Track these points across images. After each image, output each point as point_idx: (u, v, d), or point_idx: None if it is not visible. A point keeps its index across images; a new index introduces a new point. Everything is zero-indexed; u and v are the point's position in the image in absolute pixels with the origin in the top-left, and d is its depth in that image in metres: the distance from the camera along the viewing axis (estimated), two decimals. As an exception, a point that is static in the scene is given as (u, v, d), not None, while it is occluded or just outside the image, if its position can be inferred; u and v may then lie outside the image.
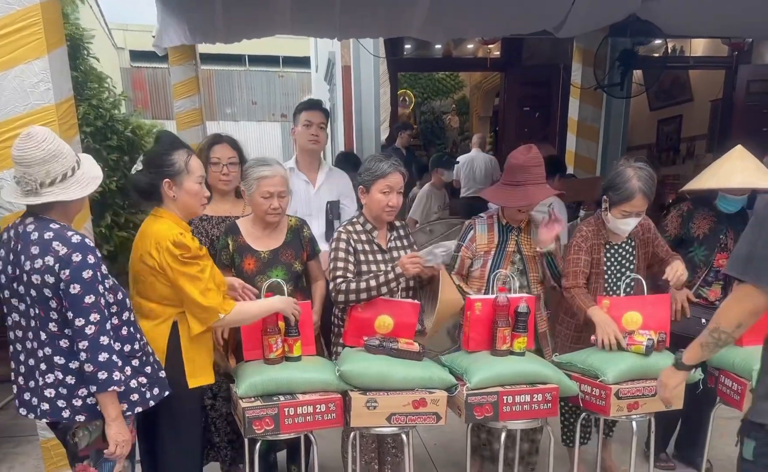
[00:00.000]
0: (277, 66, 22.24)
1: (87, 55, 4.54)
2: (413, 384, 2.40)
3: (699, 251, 2.97)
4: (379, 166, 2.63)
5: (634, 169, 2.69)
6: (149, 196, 2.20)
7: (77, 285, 1.82)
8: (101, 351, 1.85)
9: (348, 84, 8.43)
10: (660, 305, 2.71)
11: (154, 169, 2.17)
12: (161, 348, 2.19)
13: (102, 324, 1.86)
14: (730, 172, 2.85)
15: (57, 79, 2.39)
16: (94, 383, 1.86)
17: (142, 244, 2.15)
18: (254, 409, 2.28)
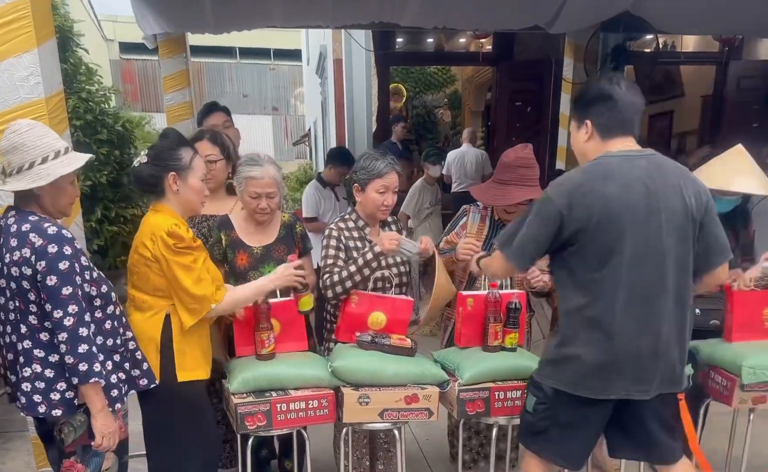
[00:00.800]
0: (269, 59, 22.18)
1: (76, 47, 4.48)
2: (405, 380, 2.40)
3: None
4: (376, 165, 2.62)
5: None
6: (151, 189, 2.20)
7: (54, 277, 1.81)
8: (81, 343, 1.84)
9: (340, 77, 8.41)
10: None
11: (161, 162, 2.17)
12: (155, 340, 2.18)
13: (81, 315, 1.85)
14: (728, 175, 2.81)
15: (47, 73, 2.37)
16: (75, 375, 1.85)
17: (138, 236, 2.16)
18: (246, 405, 2.27)
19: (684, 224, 1.94)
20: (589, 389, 1.99)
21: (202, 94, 20.94)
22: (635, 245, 1.91)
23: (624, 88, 1.99)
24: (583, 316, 1.99)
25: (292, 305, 2.54)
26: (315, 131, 14.92)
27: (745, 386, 2.53)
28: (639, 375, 1.96)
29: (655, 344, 1.95)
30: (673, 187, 1.94)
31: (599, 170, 1.96)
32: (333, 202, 5.05)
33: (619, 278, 1.92)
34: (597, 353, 1.96)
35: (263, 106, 22.97)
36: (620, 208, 1.90)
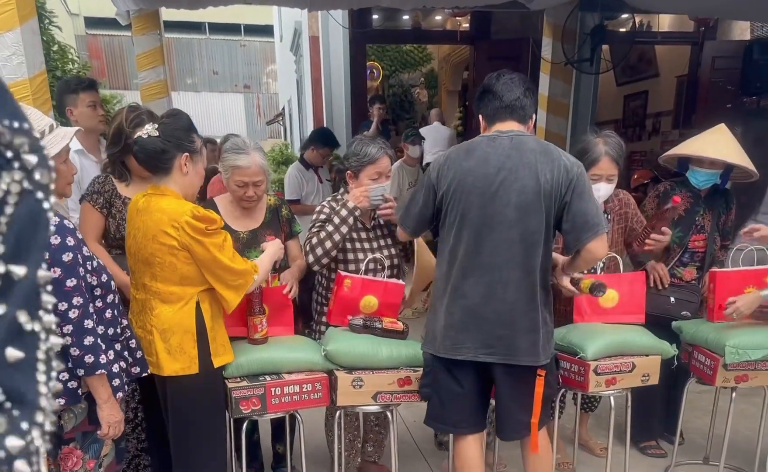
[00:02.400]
0: (239, 34, 21.74)
1: (49, 24, 4.33)
2: (398, 363, 2.43)
3: (674, 231, 3.01)
4: (368, 151, 2.61)
5: (602, 137, 2.77)
6: (157, 165, 2.12)
7: (58, 269, 1.76)
8: (86, 335, 1.81)
9: (316, 55, 8.28)
10: (636, 283, 2.77)
11: (176, 140, 2.12)
12: (191, 331, 2.14)
13: (85, 307, 1.81)
14: (703, 143, 2.92)
15: (30, 52, 2.29)
16: (81, 367, 1.83)
17: (153, 223, 2.06)
18: (241, 389, 2.27)
19: (535, 200, 2.07)
20: (444, 348, 2.18)
21: (172, 72, 20.45)
22: (483, 214, 2.09)
23: (502, 80, 2.18)
24: (442, 280, 2.20)
25: (279, 291, 2.53)
26: (290, 110, 14.71)
27: (728, 365, 2.60)
28: (485, 339, 2.12)
29: (500, 310, 2.10)
30: (527, 166, 2.07)
31: (464, 147, 2.19)
32: (316, 184, 5.02)
33: (469, 245, 2.11)
34: (448, 315, 2.16)
35: (234, 84, 22.54)
36: (473, 180, 2.09)
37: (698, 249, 3.05)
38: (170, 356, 2.12)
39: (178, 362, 2.12)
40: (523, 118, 2.19)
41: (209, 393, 2.23)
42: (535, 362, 2.14)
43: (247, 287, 2.19)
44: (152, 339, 2.13)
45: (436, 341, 2.21)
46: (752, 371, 2.65)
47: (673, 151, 3.02)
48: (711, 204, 3.03)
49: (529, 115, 2.20)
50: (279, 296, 2.54)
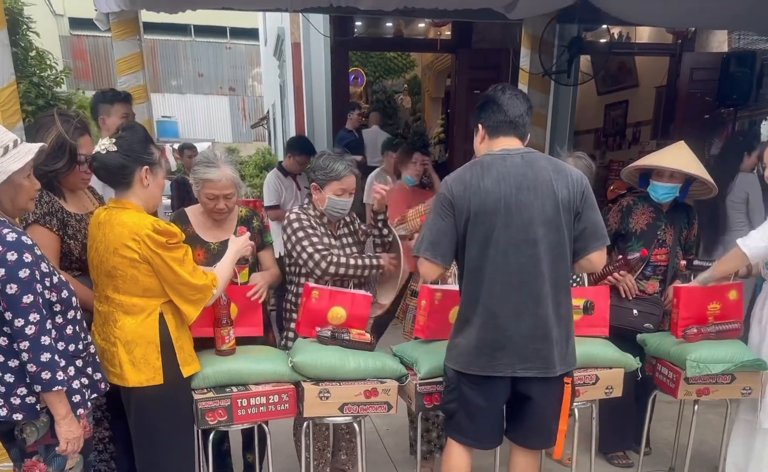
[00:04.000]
0: (225, 37, 21.68)
1: (27, 30, 4.31)
2: (365, 374, 2.45)
3: (636, 246, 3.07)
4: (334, 167, 2.65)
5: (573, 158, 2.84)
6: (117, 180, 2.14)
7: (14, 285, 1.76)
8: (43, 351, 1.81)
9: (298, 62, 8.27)
10: (600, 297, 2.82)
11: (134, 154, 2.13)
12: (154, 342, 2.14)
13: (42, 324, 1.81)
14: (662, 155, 3.02)
15: (-3, 64, 2.28)
16: (38, 383, 1.82)
17: (114, 236, 2.07)
18: (207, 400, 2.29)
19: (555, 215, 2.12)
20: (478, 366, 2.18)
21: (156, 74, 20.38)
22: (509, 234, 2.11)
23: (508, 94, 2.21)
24: (470, 300, 2.20)
25: (247, 290, 2.56)
26: (273, 114, 14.69)
27: (690, 378, 2.65)
28: (521, 354, 2.15)
29: (533, 324, 2.13)
30: (544, 182, 2.12)
31: (478, 167, 2.17)
32: (294, 191, 5.07)
33: (497, 264, 2.13)
34: (481, 332, 2.17)
35: (219, 86, 22.49)
36: (494, 200, 2.11)
37: (660, 263, 3.12)
38: (134, 367, 2.13)
39: (143, 373, 2.13)
40: (524, 135, 2.23)
41: (175, 404, 2.24)
42: (564, 371, 2.21)
43: (206, 301, 2.21)
44: (116, 351, 2.13)
45: (465, 359, 2.21)
46: (713, 385, 2.71)
47: (633, 164, 3.09)
48: (673, 219, 3.10)
49: (527, 132, 2.25)
50: (248, 299, 2.56)
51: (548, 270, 2.13)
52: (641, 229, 3.10)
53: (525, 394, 2.22)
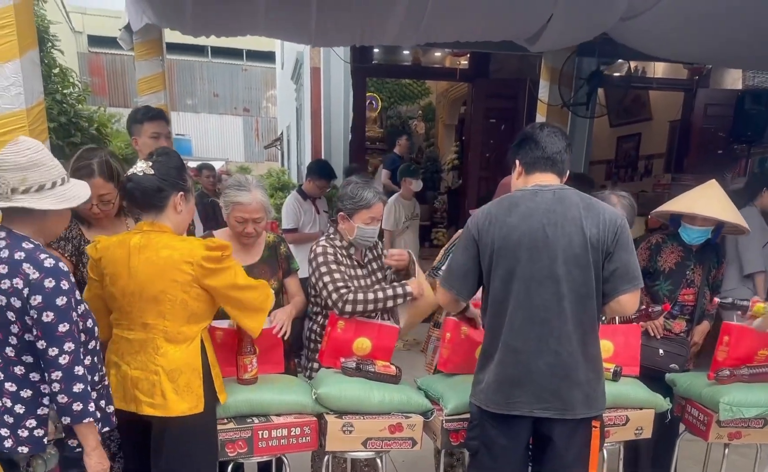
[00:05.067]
0: (241, 59, 21.94)
1: (51, 47, 4.35)
2: (390, 408, 2.40)
3: (664, 285, 3.02)
4: (363, 195, 2.63)
5: (617, 197, 2.81)
6: (151, 203, 2.10)
7: (50, 313, 1.72)
8: (76, 382, 1.76)
9: (317, 87, 8.33)
10: (631, 336, 2.77)
11: (171, 179, 2.11)
12: (198, 369, 2.11)
13: (76, 353, 1.77)
14: (695, 199, 2.94)
15: (29, 83, 2.29)
16: (68, 415, 1.77)
17: (163, 260, 2.03)
18: (227, 431, 2.25)
19: (582, 253, 2.06)
20: (496, 403, 2.14)
21: (173, 93, 20.59)
22: (532, 270, 2.07)
23: (546, 131, 2.19)
24: (492, 336, 2.17)
25: (269, 332, 2.50)
26: (288, 136, 14.78)
27: (722, 422, 2.59)
28: (539, 394, 2.09)
29: (553, 363, 2.08)
30: (573, 220, 2.07)
31: (506, 202, 2.16)
32: (313, 214, 5.08)
33: (518, 299, 2.09)
34: (500, 368, 2.13)
35: (234, 107, 22.69)
36: (519, 236, 2.08)
37: (688, 303, 3.06)
38: (178, 395, 2.06)
39: (185, 401, 2.07)
40: (562, 172, 2.19)
41: (211, 432, 2.20)
42: (589, 414, 2.14)
43: (271, 300, 2.21)
44: (157, 379, 2.06)
45: (485, 395, 2.17)
46: (746, 429, 2.64)
47: (665, 207, 3.05)
48: (702, 258, 3.05)
49: (566, 170, 2.21)
50: (269, 337, 2.51)
51: (572, 308, 2.07)
52: (670, 268, 3.04)
53: (546, 435, 2.15)
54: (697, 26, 4.46)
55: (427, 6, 4.23)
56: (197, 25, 4.33)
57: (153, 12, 4.34)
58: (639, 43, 5.15)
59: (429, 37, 5.05)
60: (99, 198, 2.30)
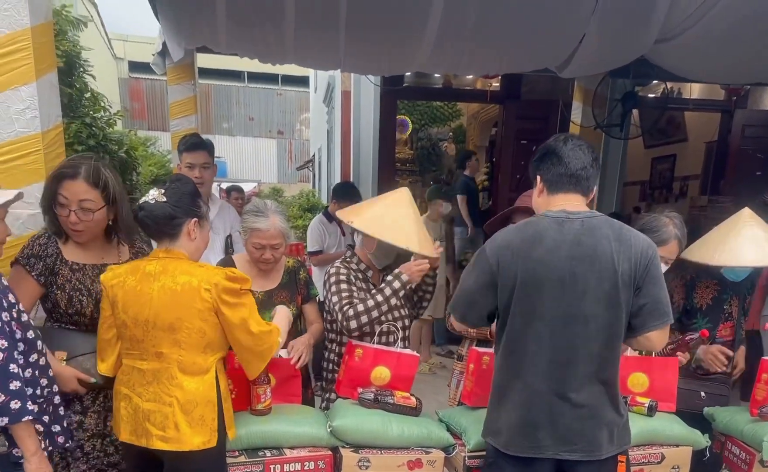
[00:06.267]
0: (276, 84, 22.33)
1: (83, 72, 4.42)
2: (409, 442, 2.30)
3: (702, 322, 2.84)
4: None
5: (669, 218, 2.66)
6: (164, 230, 2.04)
7: None
8: (12, 379, 1.70)
9: (347, 110, 8.38)
10: (668, 370, 2.61)
11: (184, 206, 2.05)
12: (212, 401, 2.02)
13: (10, 351, 1.71)
14: (740, 247, 2.66)
15: (45, 107, 2.28)
16: (6, 414, 1.70)
17: (181, 287, 1.97)
18: (238, 465, 2.17)
19: (613, 291, 1.92)
20: (517, 446, 2.01)
21: (210, 116, 21.09)
22: (558, 308, 1.93)
23: (570, 145, 2.02)
24: (509, 374, 2.03)
25: (287, 363, 2.45)
26: (319, 158, 14.94)
27: (765, 461, 2.42)
28: (565, 436, 1.97)
29: (579, 404, 1.96)
30: (603, 254, 1.92)
31: (530, 232, 1.98)
32: (338, 236, 5.06)
33: (542, 340, 1.95)
34: (523, 411, 2.00)
35: (269, 130, 23.08)
36: (544, 272, 1.92)
37: (726, 338, 2.87)
38: (191, 429, 1.98)
39: (199, 435, 1.99)
40: (587, 189, 2.04)
41: (221, 469, 2.12)
42: (616, 451, 2.03)
43: (273, 352, 2.09)
44: (171, 411, 1.99)
45: (506, 438, 2.03)
46: (791, 470, 2.45)
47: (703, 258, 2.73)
48: (737, 289, 2.87)
49: (592, 186, 2.05)
50: (286, 368, 2.44)
51: (600, 349, 1.95)
52: (706, 304, 2.87)
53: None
54: (733, 48, 4.32)
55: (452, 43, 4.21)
56: (231, 43, 4.38)
57: (187, 37, 4.40)
58: (674, 65, 5.02)
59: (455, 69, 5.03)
60: (79, 204, 2.12)
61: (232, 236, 3.65)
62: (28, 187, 2.24)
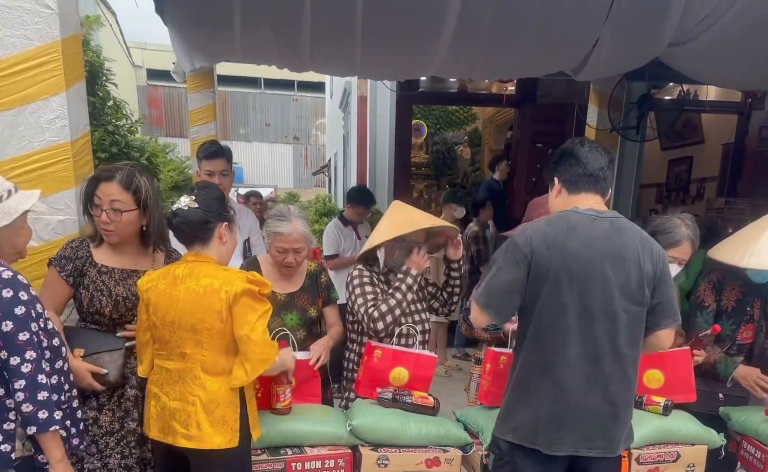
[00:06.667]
0: (292, 90, 22.50)
1: (106, 81, 4.54)
2: (427, 441, 2.35)
3: (726, 324, 2.84)
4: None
5: (681, 219, 2.68)
6: (197, 235, 2.11)
7: (9, 322, 1.76)
8: (40, 390, 1.78)
9: (363, 115, 8.45)
10: (681, 361, 2.63)
11: (215, 210, 2.13)
12: (234, 402, 2.07)
13: (38, 362, 1.79)
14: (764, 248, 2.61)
15: (74, 116, 2.36)
16: (34, 424, 1.78)
17: (203, 289, 2.03)
18: (260, 462, 2.23)
19: (637, 290, 1.98)
20: (541, 443, 2.02)
21: (226, 123, 21.28)
22: (590, 303, 1.96)
23: (587, 147, 2.09)
24: (536, 368, 2.04)
25: (306, 364, 2.51)
26: (335, 163, 15.04)
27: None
28: (586, 434, 2.00)
29: (602, 402, 1.99)
30: (631, 255, 1.98)
31: (564, 224, 2.01)
32: (353, 240, 5.12)
33: (571, 334, 1.97)
34: (547, 406, 2.01)
35: (285, 135, 23.25)
36: (579, 265, 1.96)
37: (746, 340, 2.87)
38: (213, 428, 2.03)
39: (220, 434, 2.04)
40: (605, 190, 2.09)
41: (245, 468, 2.16)
42: (626, 448, 2.11)
43: (265, 366, 2.07)
44: (193, 410, 2.04)
45: (526, 433, 2.05)
46: (807, 470, 2.46)
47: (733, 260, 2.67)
48: (760, 290, 2.86)
49: (609, 187, 2.11)
50: (306, 369, 2.50)
51: (624, 347, 1.99)
52: (731, 306, 2.85)
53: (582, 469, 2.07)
54: (747, 52, 4.32)
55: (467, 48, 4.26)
56: (247, 53, 4.46)
57: (202, 54, 4.49)
58: (689, 69, 5.02)
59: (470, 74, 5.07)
60: (110, 204, 2.20)
61: (251, 239, 3.72)
62: (58, 194, 2.33)
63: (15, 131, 2.27)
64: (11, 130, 2.27)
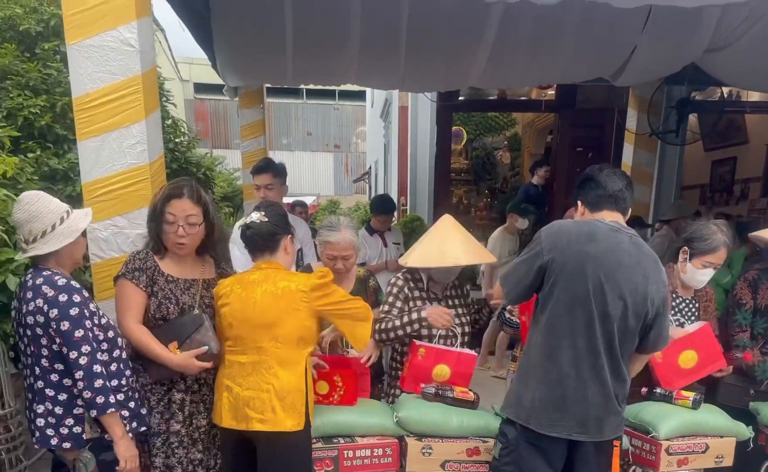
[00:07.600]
0: (333, 99, 22.82)
1: (165, 101, 4.86)
2: (467, 432, 2.54)
3: (760, 322, 2.95)
4: None
5: (717, 226, 2.83)
6: (267, 245, 2.42)
7: (66, 322, 2.08)
8: (96, 378, 2.10)
9: (404, 124, 8.64)
10: (704, 336, 2.78)
11: (282, 224, 2.45)
12: (302, 390, 2.33)
13: (93, 354, 2.11)
14: None
15: (152, 141, 2.63)
16: (94, 408, 2.11)
17: (281, 290, 2.32)
18: (315, 450, 2.44)
19: (641, 304, 2.20)
20: (540, 424, 2.23)
21: (270, 134, 21.69)
22: (598, 304, 2.16)
23: (606, 172, 2.32)
24: (544, 354, 2.25)
25: (357, 361, 2.74)
26: (376, 170, 15.27)
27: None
28: (581, 420, 2.21)
29: (598, 393, 2.20)
30: (643, 271, 2.20)
31: (587, 228, 2.23)
32: (379, 248, 5.32)
33: (578, 329, 2.19)
34: (549, 390, 2.23)
35: (326, 144, 23.59)
36: (594, 268, 2.16)
37: None
38: (285, 412, 2.30)
39: (291, 418, 2.31)
40: (625, 209, 2.32)
41: (308, 451, 2.40)
42: (614, 435, 2.28)
43: (370, 313, 2.42)
44: (269, 397, 2.30)
45: (527, 413, 2.25)
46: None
47: None
48: None
49: (628, 208, 2.33)
50: (357, 366, 2.73)
51: (620, 346, 2.21)
52: (765, 304, 2.97)
53: (576, 456, 2.27)
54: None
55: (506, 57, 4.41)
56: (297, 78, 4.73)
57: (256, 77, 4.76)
58: (725, 75, 5.06)
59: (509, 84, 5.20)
60: (186, 219, 2.40)
61: (303, 249, 3.97)
62: (137, 211, 2.61)
63: (101, 155, 2.57)
64: (97, 155, 2.56)
